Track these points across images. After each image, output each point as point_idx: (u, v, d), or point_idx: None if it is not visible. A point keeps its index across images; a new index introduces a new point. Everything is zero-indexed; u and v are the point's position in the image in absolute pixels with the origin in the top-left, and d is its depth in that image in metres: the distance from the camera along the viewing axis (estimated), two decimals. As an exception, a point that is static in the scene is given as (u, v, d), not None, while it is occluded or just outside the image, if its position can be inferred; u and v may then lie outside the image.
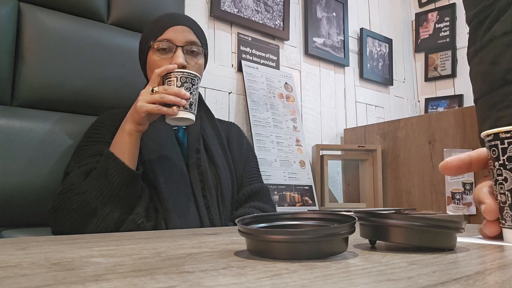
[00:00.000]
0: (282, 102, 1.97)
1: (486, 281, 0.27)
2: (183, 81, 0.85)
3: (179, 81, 0.85)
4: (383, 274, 0.28)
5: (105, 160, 0.83)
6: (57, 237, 0.52)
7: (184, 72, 0.86)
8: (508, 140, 0.45)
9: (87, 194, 0.80)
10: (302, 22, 2.20)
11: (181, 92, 0.83)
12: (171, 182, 0.92)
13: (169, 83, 0.86)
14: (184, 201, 0.92)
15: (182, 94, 0.83)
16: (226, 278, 0.27)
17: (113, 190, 0.81)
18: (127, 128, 0.85)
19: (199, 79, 0.88)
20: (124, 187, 0.82)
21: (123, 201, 0.82)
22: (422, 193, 1.85)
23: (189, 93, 0.85)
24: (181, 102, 0.83)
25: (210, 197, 0.95)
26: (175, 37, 0.96)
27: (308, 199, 1.87)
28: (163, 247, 0.42)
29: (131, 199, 0.84)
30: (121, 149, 0.84)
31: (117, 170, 0.82)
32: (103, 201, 0.80)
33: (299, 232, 0.34)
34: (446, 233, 0.40)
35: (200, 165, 0.98)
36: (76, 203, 0.80)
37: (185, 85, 0.85)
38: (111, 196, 0.81)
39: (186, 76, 0.86)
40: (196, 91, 0.87)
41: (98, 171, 0.83)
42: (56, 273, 0.28)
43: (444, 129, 1.77)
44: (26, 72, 1.03)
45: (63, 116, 1.08)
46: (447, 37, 2.66)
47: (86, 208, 0.79)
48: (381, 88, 2.59)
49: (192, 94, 0.85)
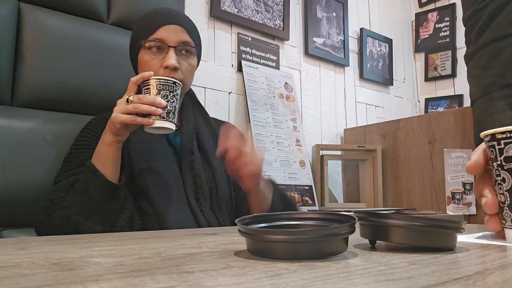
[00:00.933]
0: (282, 102, 1.97)
1: (486, 281, 0.27)
2: (159, 88, 0.82)
3: (155, 89, 0.81)
4: (383, 274, 0.28)
5: (86, 173, 0.82)
6: (57, 237, 0.52)
7: (161, 79, 0.82)
8: (505, 141, 0.45)
9: (68, 209, 0.79)
10: (302, 22, 2.20)
11: (157, 101, 0.79)
12: (163, 186, 0.90)
13: (146, 91, 0.82)
14: (178, 205, 0.90)
15: (158, 103, 0.79)
16: (226, 278, 0.27)
17: (93, 205, 0.79)
18: (106, 139, 0.83)
19: (179, 86, 0.85)
20: (104, 201, 0.80)
21: (104, 215, 0.81)
22: (422, 193, 1.85)
23: (166, 101, 0.81)
24: (156, 111, 0.79)
25: (203, 200, 0.93)
26: (167, 37, 0.93)
27: (308, 199, 1.87)
28: (163, 247, 0.42)
29: (113, 212, 0.83)
30: (102, 161, 0.82)
31: (97, 184, 0.80)
32: (85, 216, 0.79)
33: (299, 232, 0.34)
34: (446, 233, 0.40)
35: (193, 167, 0.95)
36: (58, 218, 0.79)
37: (162, 92, 0.81)
38: (92, 210, 0.79)
39: (163, 83, 0.82)
40: (175, 98, 0.83)
41: (79, 185, 0.82)
42: (56, 273, 0.28)
43: (444, 129, 1.77)
44: (26, 72, 1.03)
45: (63, 116, 1.08)
46: (447, 37, 2.66)
47: (68, 223, 0.78)
48: (381, 88, 2.59)
49: (170, 102, 0.82)
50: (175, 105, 0.83)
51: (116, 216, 0.83)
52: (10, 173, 0.95)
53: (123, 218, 0.84)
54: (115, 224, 0.83)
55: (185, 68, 0.94)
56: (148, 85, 0.82)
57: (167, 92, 0.82)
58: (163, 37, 0.92)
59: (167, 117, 0.81)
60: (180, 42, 0.94)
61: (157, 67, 0.92)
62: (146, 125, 0.81)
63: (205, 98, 1.75)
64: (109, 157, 0.82)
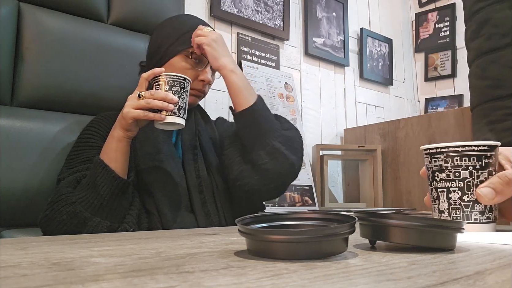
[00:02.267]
0: (282, 102, 1.97)
1: (486, 281, 0.27)
2: (171, 84, 0.82)
3: (167, 85, 0.82)
4: (383, 274, 0.28)
5: (95, 168, 0.81)
6: (57, 237, 0.52)
7: (172, 75, 0.83)
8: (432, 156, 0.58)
9: (76, 205, 0.78)
10: (302, 22, 2.20)
11: (168, 97, 0.80)
12: (167, 186, 0.91)
13: (157, 87, 0.83)
14: (180, 203, 0.91)
15: (169, 99, 0.80)
16: (226, 278, 0.27)
17: (102, 200, 0.79)
18: (116, 134, 0.83)
19: (189, 82, 0.86)
20: (113, 197, 0.80)
21: (113, 210, 0.81)
22: (422, 193, 1.85)
23: (177, 97, 0.82)
24: (168, 107, 0.80)
25: (206, 192, 0.94)
26: None
27: (308, 199, 1.87)
28: (163, 247, 0.42)
29: (122, 208, 0.83)
30: (111, 156, 0.82)
31: (106, 179, 0.80)
32: (93, 211, 0.79)
33: (299, 232, 0.34)
34: (446, 233, 0.40)
35: (196, 160, 0.97)
36: (66, 214, 0.78)
37: (173, 88, 0.82)
38: (101, 206, 0.79)
39: (174, 79, 0.83)
40: (185, 94, 0.84)
41: (87, 180, 0.81)
42: (56, 273, 0.28)
43: (444, 129, 1.77)
44: (26, 72, 1.03)
45: (63, 116, 1.08)
46: (447, 37, 2.66)
47: (76, 218, 0.78)
48: (381, 88, 2.59)
49: (180, 98, 0.82)
50: (185, 101, 0.84)
51: (124, 212, 0.83)
52: (10, 173, 0.95)
53: (132, 214, 0.84)
54: (123, 221, 0.82)
55: (212, 82, 1.02)
56: (158, 81, 0.83)
57: (178, 88, 0.82)
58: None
59: (178, 112, 0.82)
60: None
61: (192, 77, 0.94)
62: (157, 121, 0.81)
63: (205, 98, 1.75)
64: (118, 152, 0.83)
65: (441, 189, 0.57)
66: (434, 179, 0.58)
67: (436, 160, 0.57)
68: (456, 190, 0.55)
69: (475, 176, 0.55)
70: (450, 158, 0.56)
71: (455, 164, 0.55)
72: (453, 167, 0.55)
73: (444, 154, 0.56)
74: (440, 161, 0.56)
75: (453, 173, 0.55)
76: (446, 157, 0.56)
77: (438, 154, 0.57)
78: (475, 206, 0.55)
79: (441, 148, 0.56)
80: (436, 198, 0.58)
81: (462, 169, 0.55)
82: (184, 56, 0.98)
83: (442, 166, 0.56)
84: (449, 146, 0.56)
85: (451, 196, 0.56)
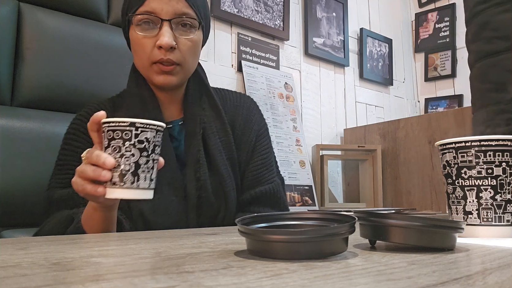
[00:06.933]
0: (282, 102, 1.97)
1: (486, 281, 0.27)
2: (109, 137, 0.54)
3: (105, 139, 0.55)
4: (383, 274, 0.28)
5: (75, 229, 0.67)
6: (57, 237, 0.52)
7: (110, 122, 0.54)
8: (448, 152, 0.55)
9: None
10: (302, 22, 2.20)
11: (100, 160, 0.54)
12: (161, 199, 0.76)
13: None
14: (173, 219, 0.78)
15: (101, 163, 0.54)
16: (226, 278, 0.27)
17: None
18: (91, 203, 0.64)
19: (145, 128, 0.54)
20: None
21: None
22: (422, 193, 1.85)
23: (120, 155, 0.53)
24: (101, 176, 0.54)
25: (204, 216, 0.81)
26: (160, 8, 0.75)
27: (308, 199, 1.87)
28: (163, 247, 0.42)
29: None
30: (88, 223, 0.66)
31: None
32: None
33: (299, 232, 0.34)
34: (446, 233, 0.40)
35: (199, 178, 0.79)
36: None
37: (113, 143, 0.54)
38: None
39: (114, 127, 0.54)
40: (137, 148, 0.54)
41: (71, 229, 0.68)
42: (56, 273, 0.28)
43: (444, 129, 1.77)
44: (26, 72, 1.03)
45: (63, 116, 1.08)
46: (447, 37, 2.66)
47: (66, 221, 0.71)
48: (381, 88, 2.59)
49: (124, 158, 0.53)
50: (139, 162, 0.54)
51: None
52: (10, 173, 0.95)
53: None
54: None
55: (184, 46, 0.77)
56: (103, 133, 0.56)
57: (120, 141, 0.54)
58: (155, 9, 0.75)
59: (121, 182, 0.54)
60: (176, 13, 0.76)
61: (149, 47, 0.76)
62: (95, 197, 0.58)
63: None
64: (95, 221, 0.64)
65: (470, 187, 0.51)
66: (460, 177, 0.52)
67: (465, 155, 0.51)
68: (488, 189, 0.50)
69: (508, 173, 0.50)
70: (482, 153, 0.50)
71: (488, 160, 0.50)
72: (485, 163, 0.50)
73: (475, 149, 0.51)
74: (469, 156, 0.51)
75: (485, 169, 0.50)
76: (478, 151, 0.51)
77: (468, 149, 0.51)
78: (508, 206, 0.50)
79: (472, 141, 0.51)
80: (461, 198, 0.53)
81: (495, 165, 0.50)
82: (134, 25, 0.77)
83: (473, 161, 0.51)
84: (481, 139, 0.51)
85: (481, 196, 0.51)
